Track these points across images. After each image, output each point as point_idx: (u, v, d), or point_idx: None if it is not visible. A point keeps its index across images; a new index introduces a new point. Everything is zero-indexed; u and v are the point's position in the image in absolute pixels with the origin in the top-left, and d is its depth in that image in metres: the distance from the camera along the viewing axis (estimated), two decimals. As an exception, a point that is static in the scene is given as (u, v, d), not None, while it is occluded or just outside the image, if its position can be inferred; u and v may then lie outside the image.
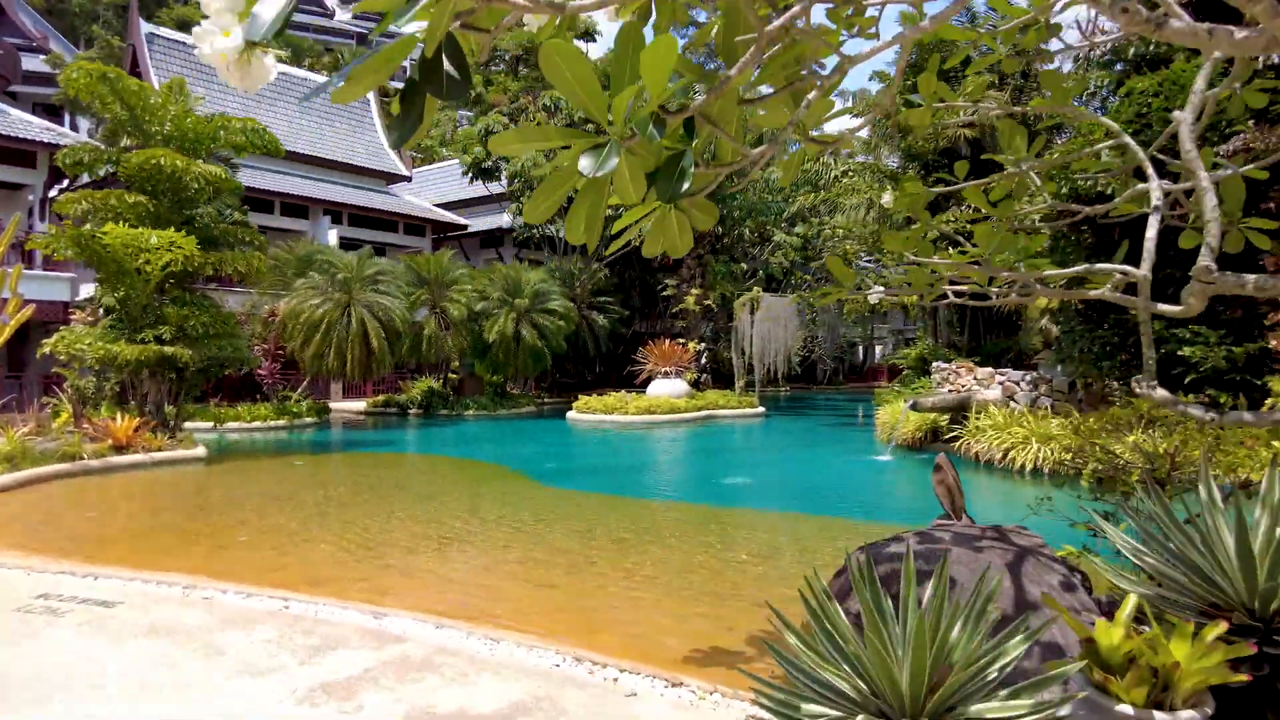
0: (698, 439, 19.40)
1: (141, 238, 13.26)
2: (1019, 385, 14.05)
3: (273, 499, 10.25)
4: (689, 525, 8.75)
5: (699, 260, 26.37)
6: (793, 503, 10.86)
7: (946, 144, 17.40)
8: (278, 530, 8.23)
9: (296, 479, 12.28)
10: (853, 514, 9.81)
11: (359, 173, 30.93)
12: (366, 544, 7.56)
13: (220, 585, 5.86)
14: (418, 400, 24.27)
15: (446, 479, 12.60)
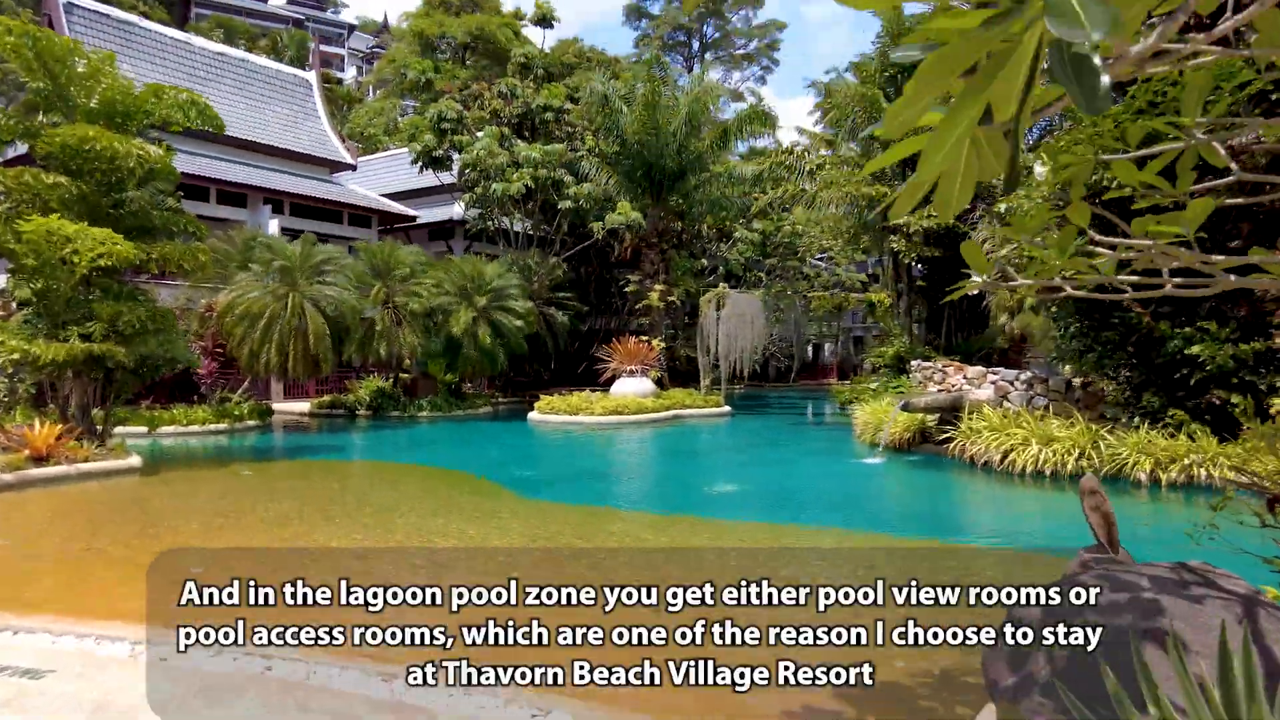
0: (671, 441, 18.61)
1: (71, 235, 11.75)
2: (1012, 385, 13.64)
3: (223, 516, 9.04)
4: (724, 555, 7.89)
5: (662, 255, 25.58)
6: (803, 514, 10.14)
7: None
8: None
9: (245, 490, 11.04)
10: (879, 527, 9.12)
11: (301, 160, 29.20)
12: (343, 573, 6.50)
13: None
14: (366, 401, 22.89)
15: (415, 490, 11.51)
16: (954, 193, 1.53)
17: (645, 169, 25.09)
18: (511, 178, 23.70)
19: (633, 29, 48.21)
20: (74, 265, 12.39)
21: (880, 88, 18.01)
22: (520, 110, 27.51)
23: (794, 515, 9.99)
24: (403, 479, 12.65)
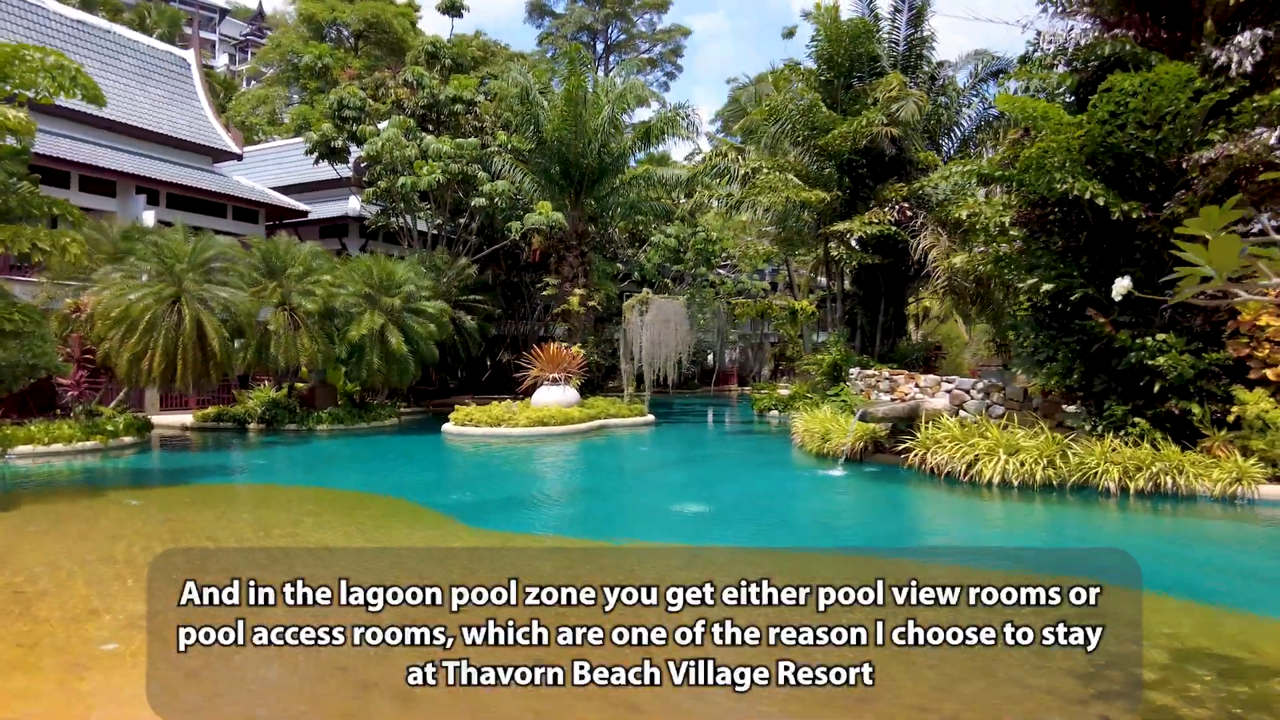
0: (608, 454, 17.61)
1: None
2: (969, 393, 13.45)
3: (122, 566, 7.37)
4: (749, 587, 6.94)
5: (582, 258, 24.50)
6: (796, 535, 9.40)
7: (866, 142, 16.71)
8: (147, 622, 5.58)
9: (139, 527, 9.26)
10: (881, 549, 8.45)
11: (180, 146, 26.34)
12: (311, 645, 5.16)
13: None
14: (258, 413, 20.68)
15: (344, 520, 10.01)
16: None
17: (564, 168, 23.98)
18: (421, 171, 22.03)
19: (535, 26, 46.99)
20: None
21: (815, 90, 17.65)
22: (426, 101, 25.80)
23: (793, 537, 9.23)
24: (327, 508, 11.06)
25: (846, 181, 17.23)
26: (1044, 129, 11.90)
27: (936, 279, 15.23)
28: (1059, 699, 4.81)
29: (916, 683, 4.96)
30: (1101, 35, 11.63)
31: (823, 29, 17.85)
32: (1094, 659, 4.88)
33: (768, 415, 24.88)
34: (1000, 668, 5.14)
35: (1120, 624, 5.47)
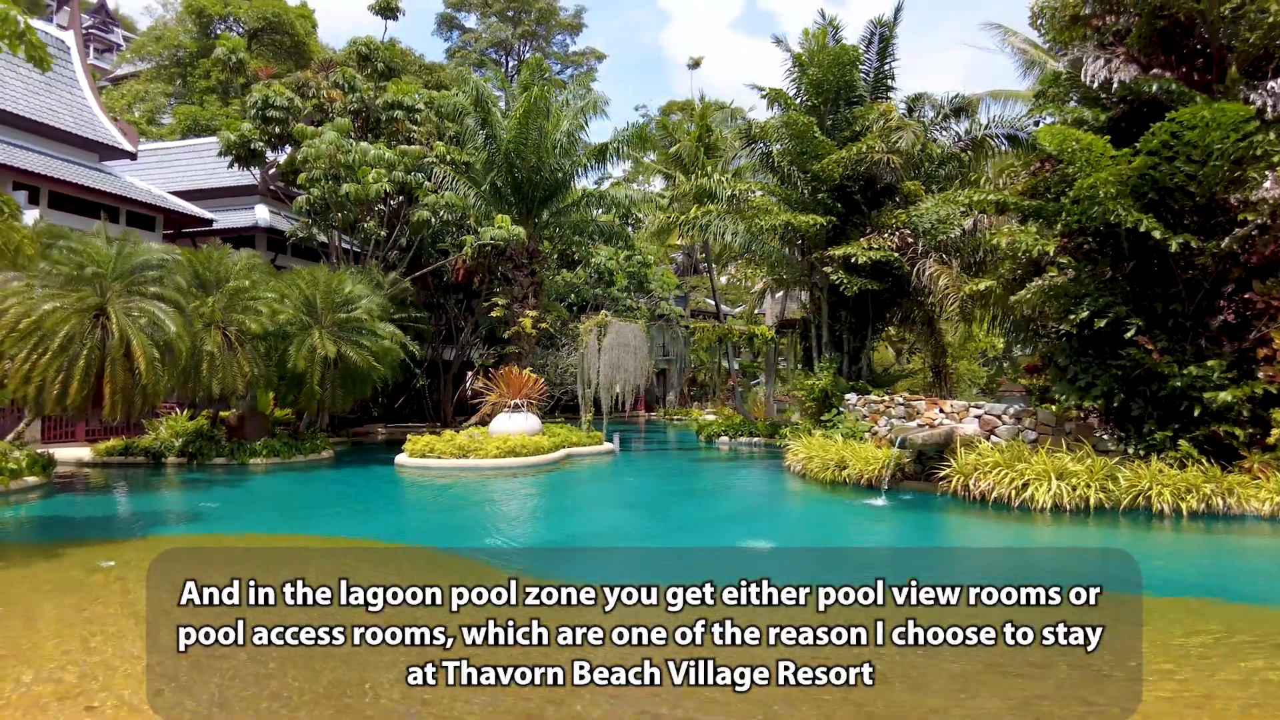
0: (602, 486, 16.48)
1: None
2: (999, 419, 13.41)
3: (102, 669, 5.56)
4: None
5: (532, 277, 23.17)
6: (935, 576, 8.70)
7: (864, 169, 16.67)
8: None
9: (110, 608, 7.27)
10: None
11: (61, 139, 22.89)
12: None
13: None
14: (176, 445, 17.98)
15: (385, 578, 8.46)
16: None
17: (515, 183, 22.68)
18: (368, 179, 20.11)
19: (443, 39, 44.89)
20: None
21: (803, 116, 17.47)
22: (356, 105, 23.81)
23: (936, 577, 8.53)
24: (353, 566, 9.35)
25: (839, 207, 17.09)
26: (1079, 161, 12.11)
27: (949, 305, 15.27)
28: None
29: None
30: (1142, 75, 11.99)
31: (812, 55, 17.77)
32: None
33: (717, 441, 24.41)
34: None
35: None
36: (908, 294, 17.67)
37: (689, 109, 47.61)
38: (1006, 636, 4.73)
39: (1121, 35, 12.84)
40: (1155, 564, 9.08)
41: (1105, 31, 12.89)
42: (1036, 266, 13.06)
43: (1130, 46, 12.52)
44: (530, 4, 44.33)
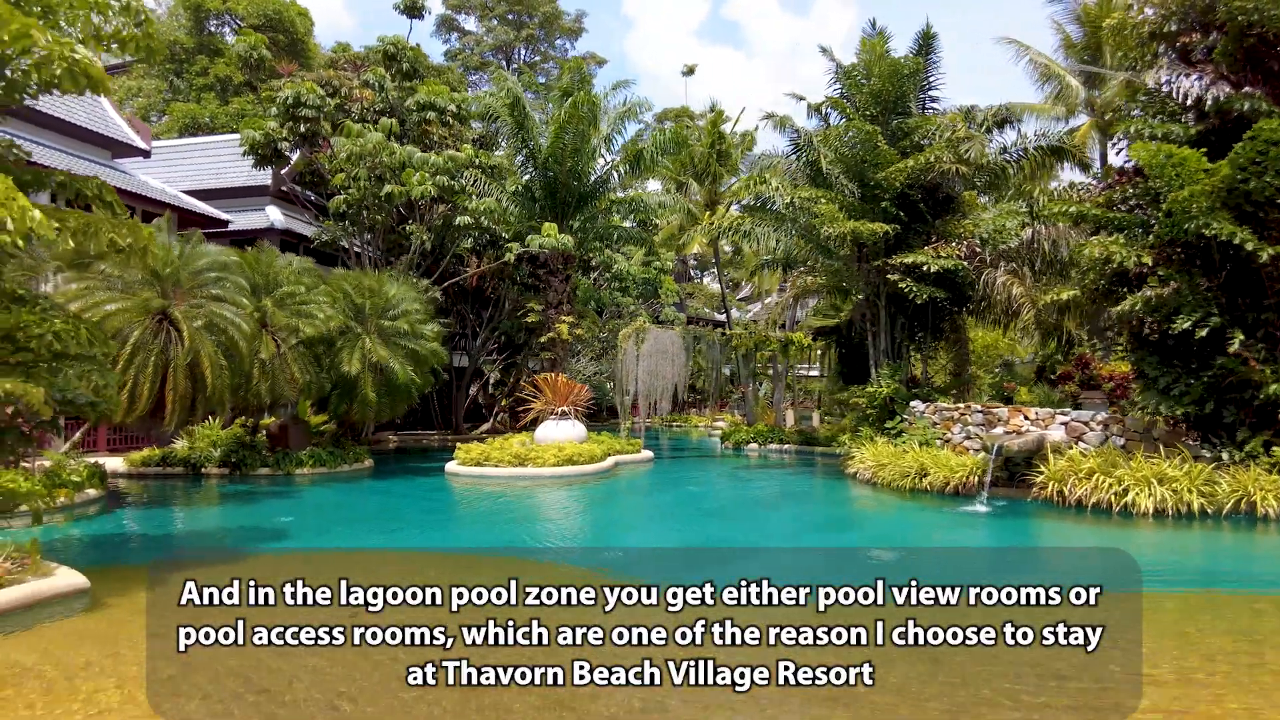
0: (665, 493, 16.34)
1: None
2: (1087, 426, 13.61)
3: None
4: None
5: (567, 283, 22.88)
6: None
7: (930, 178, 16.84)
8: None
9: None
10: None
11: (75, 136, 21.91)
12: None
13: None
14: (217, 456, 17.28)
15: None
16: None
17: (551, 189, 22.40)
18: (412, 181, 19.63)
19: (443, 41, 44.11)
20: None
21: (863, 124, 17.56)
22: (382, 106, 23.30)
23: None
24: (496, 570, 9.06)
25: (902, 215, 17.22)
26: (1169, 175, 12.39)
27: (1024, 314, 15.49)
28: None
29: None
30: (1235, 93, 12.31)
31: (869, 65, 17.90)
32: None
33: (746, 449, 24.40)
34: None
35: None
36: (966, 303, 17.89)
37: (684, 116, 47.76)
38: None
39: (1207, 52, 13.17)
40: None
41: (1193, 49, 13.21)
42: (1123, 277, 13.28)
43: (1217, 63, 12.85)
44: (534, 8, 44.00)
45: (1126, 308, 12.21)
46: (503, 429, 28.74)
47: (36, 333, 8.00)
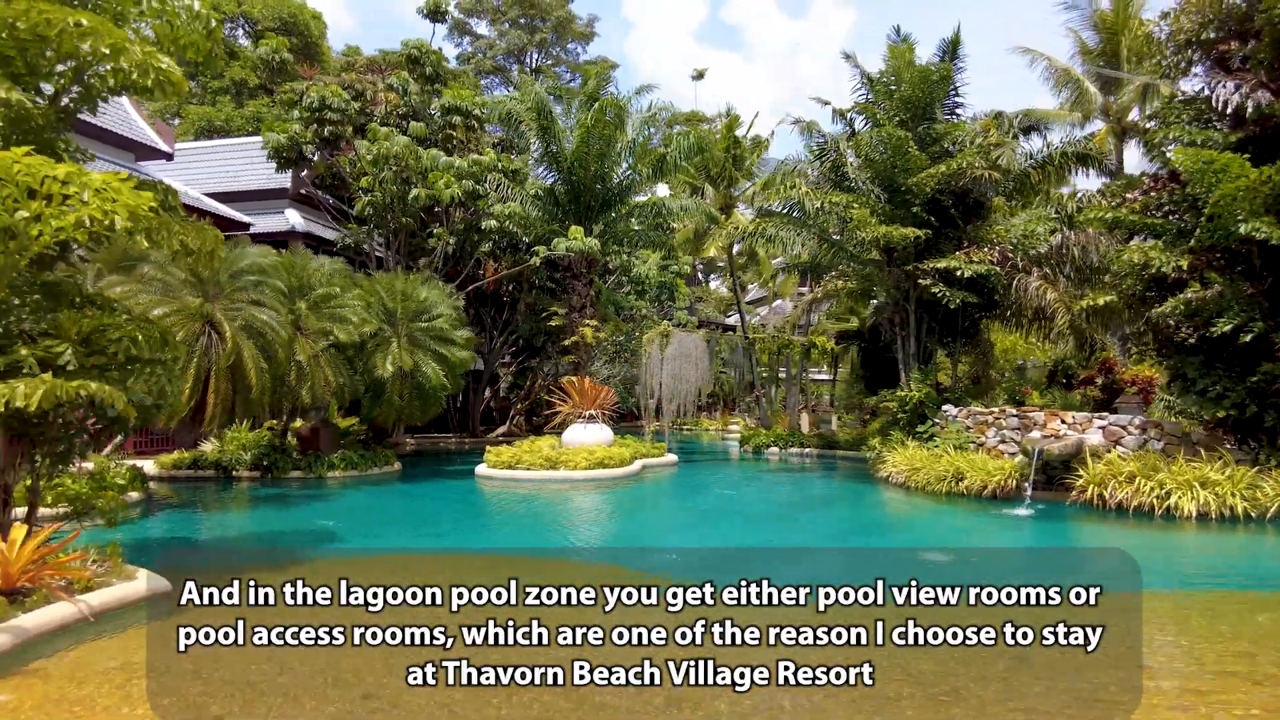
0: (698, 496, 16.41)
1: (64, 176, 6.92)
2: (1125, 429, 13.71)
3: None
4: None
5: (589, 286, 22.93)
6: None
7: (962, 184, 16.95)
8: None
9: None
10: None
11: (100, 138, 21.87)
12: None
13: None
14: (248, 459, 17.28)
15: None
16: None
17: (575, 193, 22.46)
18: (439, 184, 19.68)
19: (454, 45, 44.14)
20: (29, 239, 7.35)
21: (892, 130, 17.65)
22: (405, 110, 23.35)
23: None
24: (565, 573, 9.11)
25: (933, 221, 17.32)
26: (1209, 180, 12.51)
27: (1059, 319, 15.59)
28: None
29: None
30: (1276, 100, 12.44)
31: (898, 71, 18.02)
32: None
33: (766, 452, 24.46)
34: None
35: None
36: (995, 308, 17.99)
37: (695, 120, 47.86)
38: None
39: (1244, 59, 13.31)
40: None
41: (1231, 56, 13.34)
42: (1160, 283, 13.40)
43: (1255, 70, 12.99)
44: (548, 13, 44.08)
45: (1168, 309, 12.32)
46: (518, 432, 28.78)
47: (115, 336, 8.03)
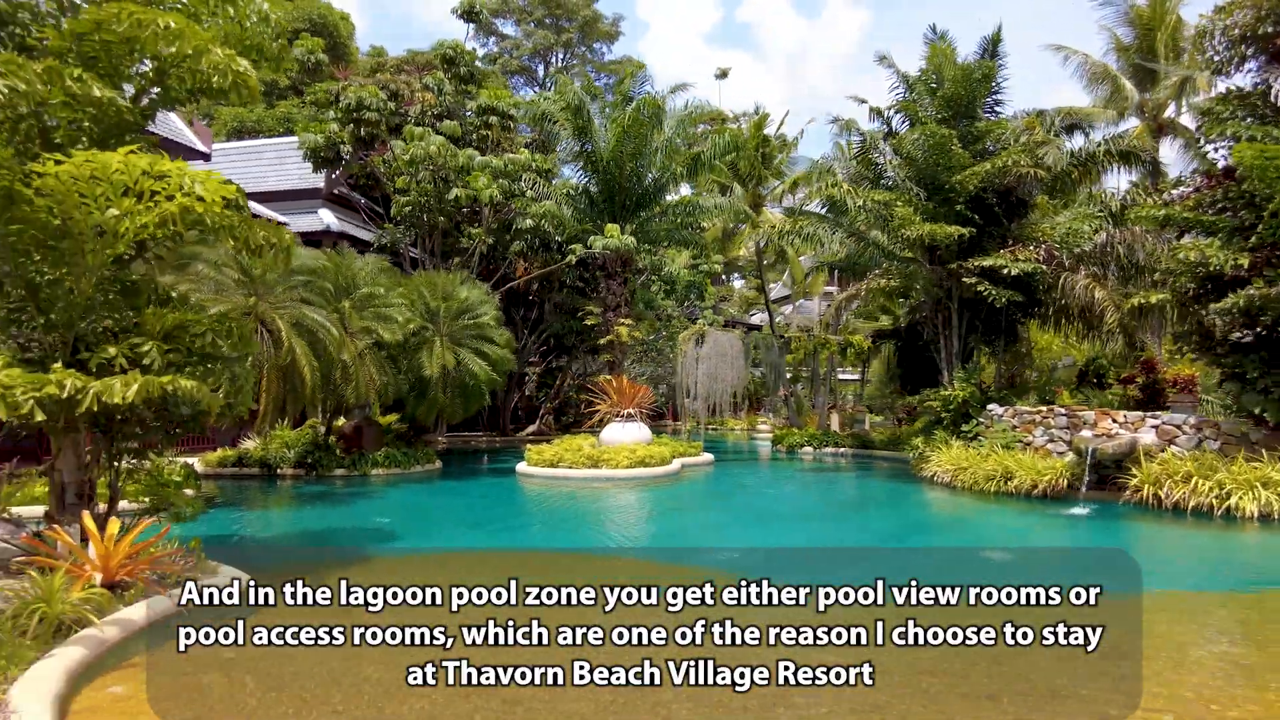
0: (744, 495, 16.46)
1: (169, 171, 7.02)
2: (1179, 429, 13.59)
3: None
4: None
5: (624, 285, 22.96)
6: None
7: (1006, 182, 16.85)
8: None
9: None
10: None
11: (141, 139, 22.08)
12: None
13: None
14: (292, 457, 17.41)
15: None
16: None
17: (610, 192, 22.49)
18: (478, 184, 19.75)
19: (480, 45, 44.18)
20: (115, 237, 7.43)
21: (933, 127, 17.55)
22: (440, 110, 23.45)
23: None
24: (636, 572, 9.13)
25: (977, 219, 17.23)
26: (1271, 176, 12.38)
27: (1108, 317, 15.46)
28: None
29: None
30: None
31: (939, 70, 17.94)
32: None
33: (800, 452, 24.38)
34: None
35: None
36: (1038, 306, 17.89)
37: (716, 119, 47.83)
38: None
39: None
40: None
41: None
42: (1216, 280, 13.26)
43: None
44: (574, 13, 44.15)
45: (1227, 306, 12.20)
46: (548, 431, 28.85)
47: (197, 333, 8.11)
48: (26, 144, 7.62)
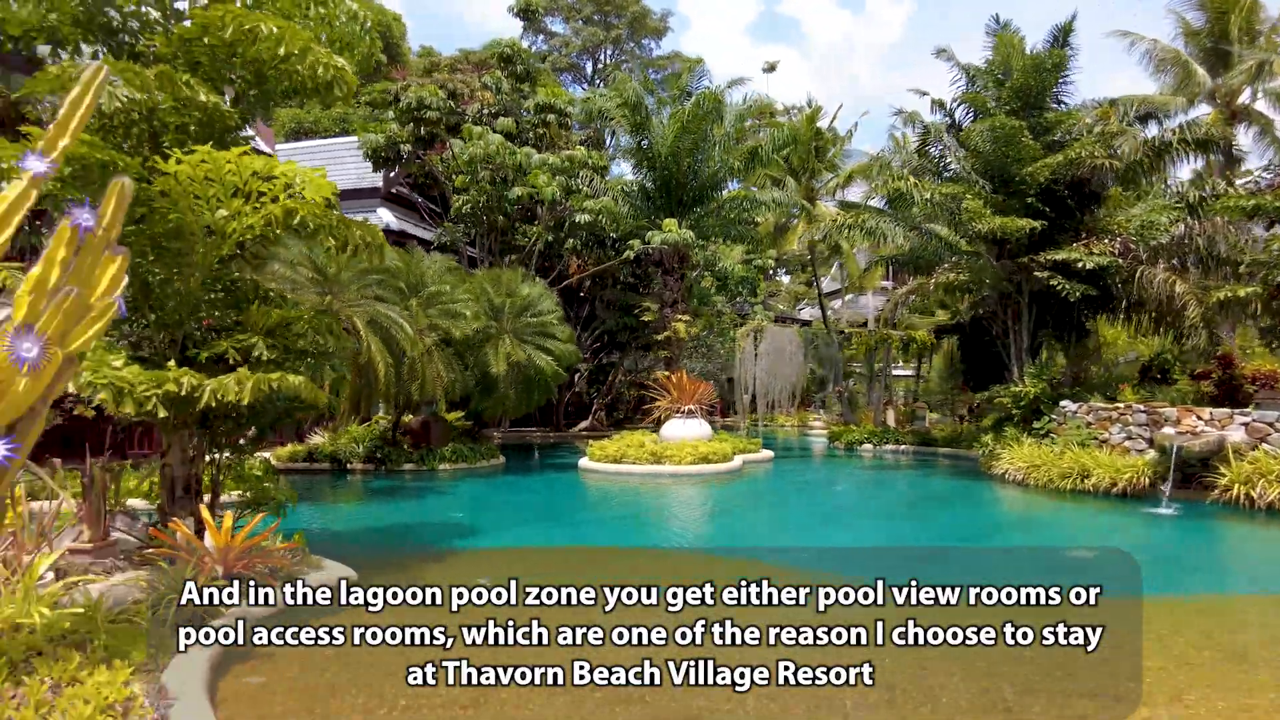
0: (811, 492, 16.44)
1: (282, 172, 7.18)
2: (1272, 427, 13.15)
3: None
4: None
5: (681, 281, 22.92)
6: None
7: (1079, 174, 16.44)
8: None
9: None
10: None
11: (211, 140, 22.69)
12: None
13: None
14: (361, 452, 17.72)
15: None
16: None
17: (666, 187, 22.46)
18: (539, 182, 19.88)
19: (529, 43, 44.27)
20: (223, 237, 7.62)
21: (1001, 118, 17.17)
22: (497, 108, 23.62)
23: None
24: (729, 569, 9.12)
25: (1048, 211, 16.84)
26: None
27: (1189, 312, 14.99)
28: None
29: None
30: None
31: (1006, 60, 17.57)
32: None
33: (859, 449, 24.09)
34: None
35: None
36: (1111, 300, 17.45)
37: (765, 112, 47.48)
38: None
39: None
40: None
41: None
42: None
43: None
44: (623, 9, 44.18)
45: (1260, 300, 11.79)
46: (600, 427, 28.97)
47: (301, 330, 8.30)
48: (138, 148, 7.87)
